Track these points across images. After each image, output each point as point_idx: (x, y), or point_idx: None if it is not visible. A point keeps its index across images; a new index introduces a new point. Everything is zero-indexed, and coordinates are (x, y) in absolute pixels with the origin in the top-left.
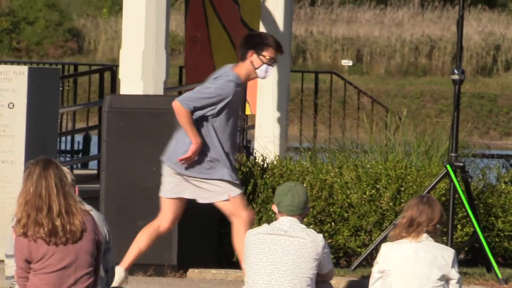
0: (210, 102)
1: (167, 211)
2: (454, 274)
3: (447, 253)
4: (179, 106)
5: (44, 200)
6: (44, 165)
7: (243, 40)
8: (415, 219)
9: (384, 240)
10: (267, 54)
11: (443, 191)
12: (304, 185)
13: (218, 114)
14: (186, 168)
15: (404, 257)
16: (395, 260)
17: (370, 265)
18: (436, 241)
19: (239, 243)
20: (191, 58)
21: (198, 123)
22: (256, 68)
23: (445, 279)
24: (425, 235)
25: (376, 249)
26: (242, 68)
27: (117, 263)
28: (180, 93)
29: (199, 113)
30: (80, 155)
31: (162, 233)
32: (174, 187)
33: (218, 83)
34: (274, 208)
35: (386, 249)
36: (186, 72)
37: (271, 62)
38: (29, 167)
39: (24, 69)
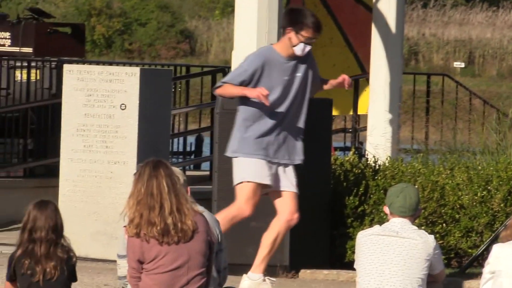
0: (247, 75)
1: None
2: None
3: None
4: (218, 89)
5: (156, 198)
6: (154, 166)
7: (284, 14)
8: None
9: (495, 241)
10: (305, 33)
11: None
12: (416, 186)
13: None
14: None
15: None
16: (506, 260)
17: (481, 265)
18: None
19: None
20: None
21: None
22: (293, 46)
23: None
24: None
25: (487, 250)
26: (281, 43)
27: (229, 264)
28: None
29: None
30: (192, 156)
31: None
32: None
33: (249, 57)
34: (386, 209)
35: (497, 249)
36: None
37: (308, 41)
38: (138, 170)
39: (136, 70)
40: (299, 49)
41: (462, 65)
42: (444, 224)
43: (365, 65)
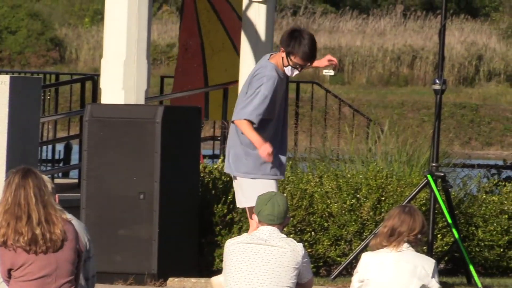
0: (268, 101)
1: None
2: (434, 284)
3: (428, 263)
4: (238, 122)
5: (23, 209)
6: (23, 175)
7: (285, 32)
8: (396, 229)
9: (364, 249)
10: (293, 59)
11: (424, 201)
12: (285, 194)
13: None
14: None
15: (385, 266)
16: (375, 269)
17: (350, 274)
18: (417, 250)
19: None
20: (181, 65)
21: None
22: (284, 66)
23: None
24: (405, 245)
25: (356, 259)
26: (277, 59)
27: (98, 272)
28: (161, 103)
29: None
30: (61, 164)
31: None
32: None
33: (262, 81)
34: (254, 217)
35: (366, 258)
36: (175, 79)
37: (296, 66)
38: (9, 176)
39: (5, 78)
40: (288, 71)
41: (332, 72)
42: (313, 233)
43: None
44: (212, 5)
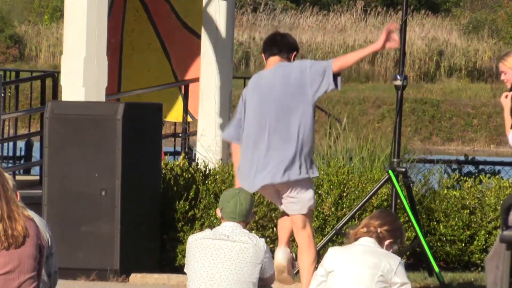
0: None
1: None
2: (399, 278)
3: (394, 260)
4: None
5: None
6: None
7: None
8: (370, 221)
9: (326, 245)
10: None
11: (385, 196)
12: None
13: None
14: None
15: (349, 259)
16: (340, 262)
17: None
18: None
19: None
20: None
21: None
22: None
23: (388, 283)
24: (371, 240)
25: (318, 254)
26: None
27: (60, 268)
28: (118, 100)
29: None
30: (22, 161)
31: None
32: None
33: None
34: (218, 212)
35: (331, 251)
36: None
37: None
38: None
39: None
40: None
41: None
42: (274, 228)
43: (177, 74)
44: (145, 5)
